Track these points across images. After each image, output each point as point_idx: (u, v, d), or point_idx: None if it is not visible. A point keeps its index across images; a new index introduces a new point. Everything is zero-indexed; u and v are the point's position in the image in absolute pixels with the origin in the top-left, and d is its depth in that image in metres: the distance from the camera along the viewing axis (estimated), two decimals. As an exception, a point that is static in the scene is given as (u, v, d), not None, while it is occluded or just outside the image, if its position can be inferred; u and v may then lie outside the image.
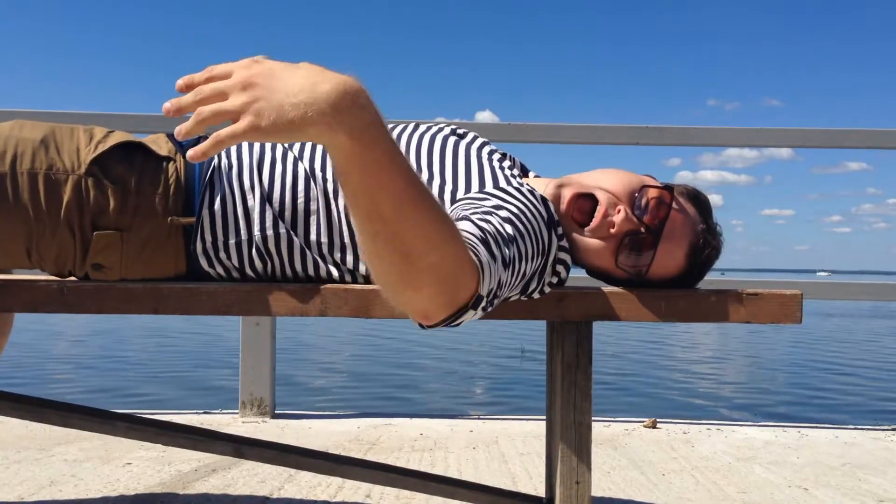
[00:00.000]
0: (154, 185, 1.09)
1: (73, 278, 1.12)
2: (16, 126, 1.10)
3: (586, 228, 1.08)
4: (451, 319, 0.80)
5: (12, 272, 1.21)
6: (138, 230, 1.08)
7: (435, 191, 1.09)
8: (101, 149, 1.09)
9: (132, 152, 1.11)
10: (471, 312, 0.81)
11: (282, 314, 1.06)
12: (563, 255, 1.07)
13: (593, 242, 1.08)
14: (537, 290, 1.05)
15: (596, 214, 1.07)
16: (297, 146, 1.14)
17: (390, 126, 1.18)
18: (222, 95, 0.67)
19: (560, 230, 1.06)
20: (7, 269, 1.18)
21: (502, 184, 1.06)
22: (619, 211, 1.06)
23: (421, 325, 0.81)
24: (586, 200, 1.08)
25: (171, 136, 1.16)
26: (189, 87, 0.69)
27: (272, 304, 1.06)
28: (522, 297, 1.05)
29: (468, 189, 1.08)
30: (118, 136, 1.12)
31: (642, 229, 1.07)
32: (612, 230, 1.06)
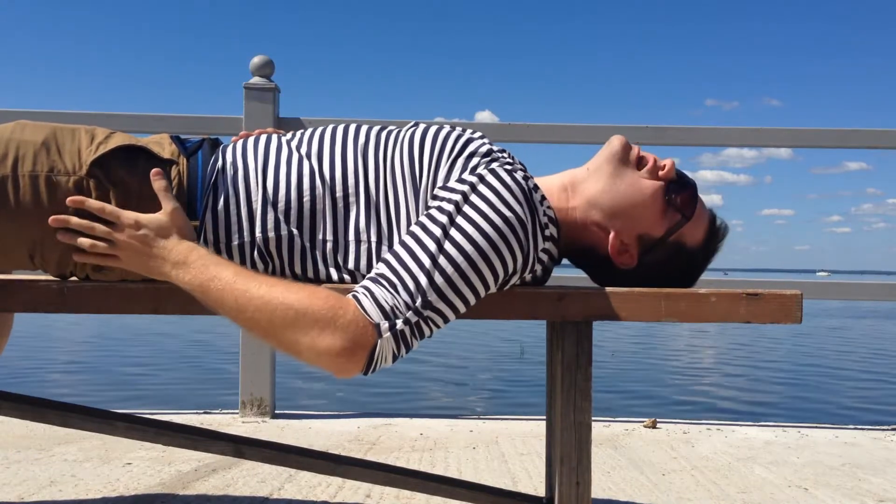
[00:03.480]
0: None
1: (74, 278, 1.11)
2: (17, 128, 1.09)
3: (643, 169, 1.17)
4: (369, 365, 0.95)
5: (12, 272, 1.21)
6: None
7: (424, 181, 1.08)
8: (102, 150, 1.08)
9: (134, 155, 1.10)
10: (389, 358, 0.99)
11: (282, 314, 1.06)
12: (550, 212, 1.11)
13: (648, 183, 1.16)
14: (531, 266, 1.07)
15: (649, 158, 1.17)
16: (304, 146, 1.13)
17: (391, 127, 1.18)
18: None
19: (540, 195, 1.10)
20: (8, 270, 1.17)
21: (488, 167, 1.07)
22: (666, 163, 1.18)
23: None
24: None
25: (174, 138, 1.16)
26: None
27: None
28: (526, 276, 1.08)
29: (454, 172, 1.08)
30: (120, 139, 1.11)
31: (686, 182, 1.18)
32: (662, 173, 1.16)
